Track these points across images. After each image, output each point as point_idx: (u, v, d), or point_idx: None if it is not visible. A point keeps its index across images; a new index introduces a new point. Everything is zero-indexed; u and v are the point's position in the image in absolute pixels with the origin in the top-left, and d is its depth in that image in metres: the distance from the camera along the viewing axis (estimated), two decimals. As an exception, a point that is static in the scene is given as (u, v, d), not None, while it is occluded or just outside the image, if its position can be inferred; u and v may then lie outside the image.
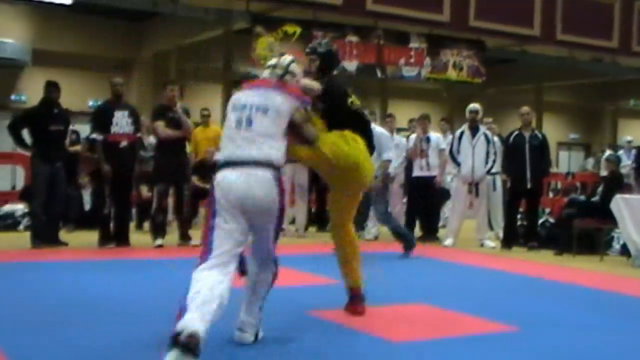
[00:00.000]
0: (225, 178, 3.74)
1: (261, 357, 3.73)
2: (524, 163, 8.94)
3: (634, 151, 12.39)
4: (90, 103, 15.80)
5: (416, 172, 9.62)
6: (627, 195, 8.37)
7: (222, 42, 14.01)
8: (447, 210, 10.50)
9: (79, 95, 15.47)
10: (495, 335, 4.39)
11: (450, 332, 4.42)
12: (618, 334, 4.58)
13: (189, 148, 10.28)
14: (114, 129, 7.90)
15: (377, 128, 8.90)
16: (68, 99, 9.40)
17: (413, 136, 9.87)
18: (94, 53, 16.40)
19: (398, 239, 8.06)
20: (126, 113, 8.02)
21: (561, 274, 7.17)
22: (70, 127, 9.03)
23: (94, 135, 7.97)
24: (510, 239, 9.11)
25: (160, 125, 8.08)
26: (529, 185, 8.96)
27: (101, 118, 8.00)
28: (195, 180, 9.75)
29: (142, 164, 9.19)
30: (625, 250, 8.32)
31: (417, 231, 9.63)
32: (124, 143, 7.94)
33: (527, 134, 9.10)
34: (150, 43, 16.84)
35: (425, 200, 9.66)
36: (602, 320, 4.99)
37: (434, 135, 9.82)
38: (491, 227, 10.04)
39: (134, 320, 4.45)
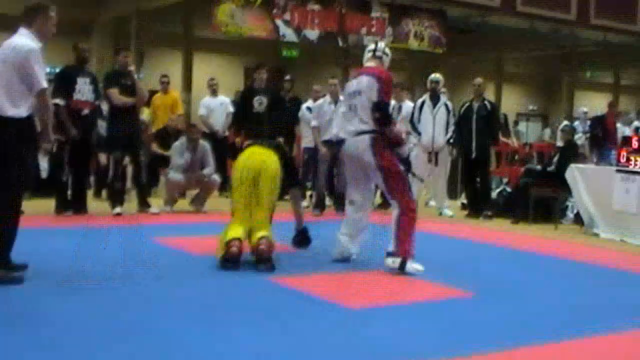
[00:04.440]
0: None
1: (225, 323, 3.76)
2: (470, 133, 9.10)
3: (588, 122, 12.63)
4: (48, 70, 15.40)
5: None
6: (581, 165, 8.56)
7: (182, 8, 13.79)
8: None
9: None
10: (450, 301, 4.48)
11: (406, 299, 4.51)
12: (568, 297, 4.71)
13: (145, 114, 10.18)
14: (77, 95, 7.72)
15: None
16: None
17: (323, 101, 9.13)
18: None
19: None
20: (88, 80, 7.85)
21: (517, 241, 7.32)
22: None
23: (57, 101, 7.75)
24: (473, 207, 9.28)
25: (114, 92, 7.96)
26: (473, 155, 9.10)
27: (64, 83, 7.79)
28: (155, 147, 9.65)
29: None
30: (578, 219, 8.51)
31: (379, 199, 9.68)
32: (85, 111, 7.80)
33: (476, 105, 9.23)
34: (110, 6, 16.47)
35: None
36: (552, 284, 5.13)
37: (409, 103, 9.80)
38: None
39: (89, 288, 4.42)
